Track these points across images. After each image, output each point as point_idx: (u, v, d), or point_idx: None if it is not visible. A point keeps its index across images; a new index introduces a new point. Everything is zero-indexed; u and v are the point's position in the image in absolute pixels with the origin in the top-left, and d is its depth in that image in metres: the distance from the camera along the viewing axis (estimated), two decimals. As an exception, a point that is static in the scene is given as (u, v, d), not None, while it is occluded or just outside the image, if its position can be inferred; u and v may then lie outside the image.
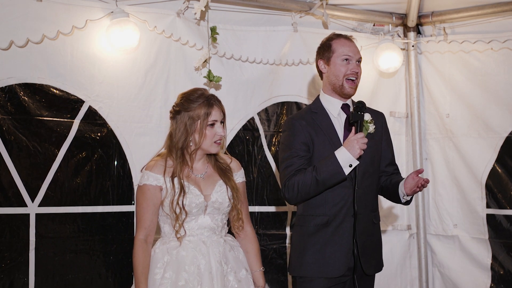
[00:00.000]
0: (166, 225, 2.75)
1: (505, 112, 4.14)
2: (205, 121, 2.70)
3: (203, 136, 2.71)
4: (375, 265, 2.98)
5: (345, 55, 2.96)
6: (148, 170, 2.72)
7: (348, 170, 2.77)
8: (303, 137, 2.92)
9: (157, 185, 2.69)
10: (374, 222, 2.99)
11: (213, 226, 2.76)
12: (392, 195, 3.02)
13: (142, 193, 2.71)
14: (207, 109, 2.70)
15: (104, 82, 3.59)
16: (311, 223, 2.92)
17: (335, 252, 2.87)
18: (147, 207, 2.70)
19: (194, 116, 2.70)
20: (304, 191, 2.84)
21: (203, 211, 2.72)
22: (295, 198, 2.88)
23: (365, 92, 4.34)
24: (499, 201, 4.19)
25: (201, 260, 2.66)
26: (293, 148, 2.91)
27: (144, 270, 2.66)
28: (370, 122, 2.93)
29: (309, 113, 3.01)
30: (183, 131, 2.71)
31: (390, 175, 3.08)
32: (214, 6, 3.84)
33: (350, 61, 2.96)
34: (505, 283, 4.16)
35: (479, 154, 4.25)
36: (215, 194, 2.76)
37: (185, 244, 2.69)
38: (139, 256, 2.68)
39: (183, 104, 2.73)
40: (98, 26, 3.53)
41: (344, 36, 3.04)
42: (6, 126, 3.37)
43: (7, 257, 3.34)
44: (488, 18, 4.18)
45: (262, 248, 4.04)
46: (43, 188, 3.45)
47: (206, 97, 2.74)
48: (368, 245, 2.93)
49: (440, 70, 4.44)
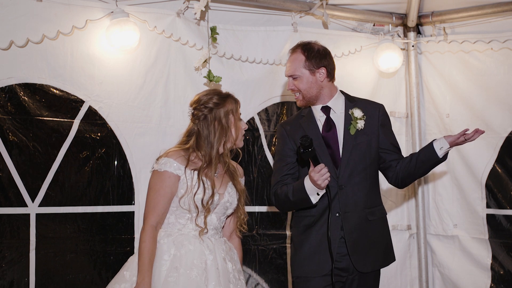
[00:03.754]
0: (173, 216, 2.74)
1: (505, 112, 4.14)
2: (236, 114, 2.80)
3: (238, 129, 2.80)
4: (373, 262, 2.96)
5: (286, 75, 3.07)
6: (171, 158, 2.70)
7: (315, 198, 2.83)
8: (288, 142, 3.03)
9: (177, 174, 2.69)
10: (369, 219, 2.96)
11: (217, 226, 2.79)
12: (420, 164, 2.95)
13: (161, 180, 2.68)
14: (235, 103, 2.81)
15: (104, 82, 3.59)
16: (301, 224, 3.00)
17: (319, 251, 2.90)
18: (164, 194, 2.68)
19: (228, 110, 2.77)
20: (284, 205, 2.99)
21: (213, 209, 2.74)
22: (280, 208, 3.06)
23: (365, 92, 4.34)
24: (499, 201, 4.19)
25: (208, 255, 2.67)
26: (280, 154, 3.05)
27: (151, 257, 2.62)
28: (360, 118, 2.95)
29: (298, 118, 3.11)
30: (220, 129, 2.75)
31: (400, 160, 3.04)
32: (214, 6, 3.84)
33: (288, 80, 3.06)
34: (505, 283, 4.16)
35: (479, 154, 4.25)
36: (227, 194, 2.80)
37: (192, 239, 2.69)
38: (149, 242, 2.63)
39: (215, 102, 2.77)
40: (98, 26, 3.53)
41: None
42: (6, 126, 3.37)
43: (7, 257, 3.34)
44: (488, 18, 4.18)
45: (262, 248, 4.05)
46: (43, 188, 3.45)
47: (227, 94, 2.85)
48: (362, 242, 2.92)
49: (440, 70, 4.44)
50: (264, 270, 4.08)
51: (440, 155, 2.91)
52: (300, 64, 3.00)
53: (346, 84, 3.88)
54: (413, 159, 2.98)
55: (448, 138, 2.91)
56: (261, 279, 4.06)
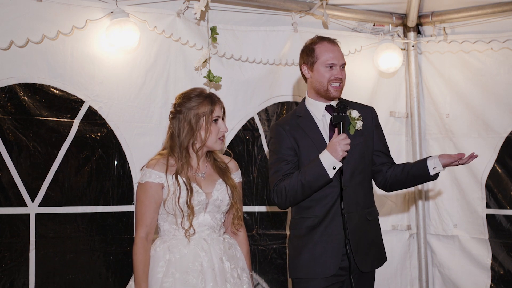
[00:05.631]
0: (166, 223, 2.76)
1: (505, 112, 4.14)
2: (209, 117, 2.75)
3: (208, 132, 2.74)
4: (372, 262, 2.98)
5: (330, 63, 2.92)
6: (150, 167, 2.73)
7: (332, 172, 2.78)
8: (287, 142, 2.94)
9: (159, 182, 2.71)
10: (368, 219, 2.97)
11: (213, 225, 2.78)
12: (411, 178, 2.97)
13: (144, 191, 2.71)
14: (210, 105, 2.75)
15: (104, 82, 3.59)
16: (303, 226, 2.94)
17: (325, 252, 2.88)
18: (149, 205, 2.71)
19: (199, 113, 2.74)
20: (292, 195, 2.85)
21: (203, 209, 2.75)
22: (284, 203, 2.90)
23: (365, 92, 4.34)
24: (499, 201, 4.19)
25: (203, 257, 2.68)
26: (279, 154, 2.94)
27: (145, 268, 2.67)
28: (358, 119, 2.95)
29: (294, 118, 3.03)
30: (188, 129, 2.74)
31: (392, 165, 3.06)
32: (214, 6, 3.84)
33: (334, 68, 2.93)
34: (505, 283, 4.16)
35: (479, 154, 4.17)
36: (216, 192, 2.78)
37: (186, 243, 2.70)
38: (140, 254, 2.68)
39: (186, 103, 2.75)
40: (98, 26, 3.53)
41: (327, 40, 2.99)
42: (6, 126, 3.37)
43: (7, 257, 3.34)
44: (488, 18, 4.18)
45: (262, 248, 4.05)
46: (43, 188, 3.45)
47: (208, 95, 2.79)
48: (363, 242, 2.93)
49: (440, 70, 4.44)
50: (264, 270, 4.08)
51: (432, 174, 2.94)
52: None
53: (346, 84, 3.81)
54: (405, 170, 2.99)
55: (442, 159, 2.91)
56: (261, 279, 4.06)
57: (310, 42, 3.03)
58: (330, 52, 2.93)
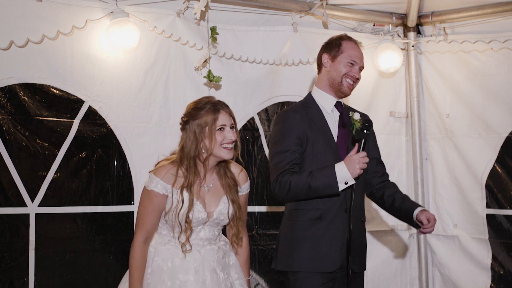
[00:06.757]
0: (165, 227, 2.76)
1: (505, 112, 4.14)
2: (213, 126, 2.70)
3: (213, 141, 2.70)
4: (361, 263, 3.01)
5: (352, 59, 3.01)
6: (159, 177, 2.69)
7: (342, 186, 2.78)
8: (297, 131, 2.91)
9: (164, 194, 2.69)
10: (362, 220, 3.02)
11: (210, 237, 2.78)
12: (396, 211, 3.07)
13: (149, 198, 2.70)
14: (214, 114, 2.70)
15: (104, 82, 3.59)
16: (305, 217, 2.91)
17: (330, 247, 2.87)
18: (152, 212, 2.70)
19: (202, 123, 2.70)
20: (295, 192, 2.83)
21: (202, 224, 2.74)
22: (284, 196, 2.88)
23: (365, 92, 4.34)
24: (499, 201, 4.19)
25: (195, 269, 2.68)
26: (285, 142, 2.89)
27: (140, 274, 2.68)
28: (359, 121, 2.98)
29: (303, 108, 3.01)
30: (193, 139, 2.71)
31: (382, 176, 3.11)
32: (214, 6, 3.84)
33: (354, 66, 3.01)
34: (505, 283, 4.16)
35: (479, 154, 4.25)
36: (218, 212, 2.76)
37: (180, 253, 2.71)
38: (138, 259, 2.69)
39: (191, 113, 2.74)
40: (98, 26, 3.53)
41: (354, 41, 3.09)
42: (6, 126, 3.37)
43: (7, 257, 3.34)
44: (488, 18, 4.18)
45: (262, 248, 4.05)
46: (43, 188, 3.45)
47: (212, 103, 2.74)
48: (357, 243, 2.95)
49: (440, 70, 4.43)
50: (264, 270, 4.08)
51: (414, 222, 3.00)
52: None
53: (346, 84, 3.87)
54: (395, 201, 3.04)
55: (422, 217, 2.91)
56: (261, 279, 4.06)
57: (337, 37, 3.10)
58: (356, 51, 3.04)
